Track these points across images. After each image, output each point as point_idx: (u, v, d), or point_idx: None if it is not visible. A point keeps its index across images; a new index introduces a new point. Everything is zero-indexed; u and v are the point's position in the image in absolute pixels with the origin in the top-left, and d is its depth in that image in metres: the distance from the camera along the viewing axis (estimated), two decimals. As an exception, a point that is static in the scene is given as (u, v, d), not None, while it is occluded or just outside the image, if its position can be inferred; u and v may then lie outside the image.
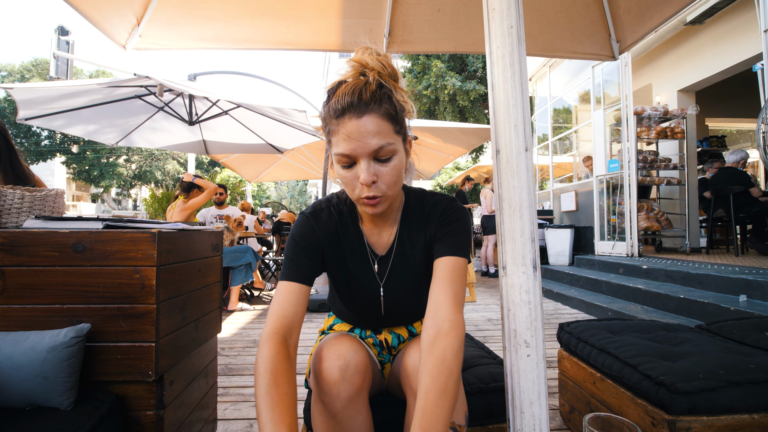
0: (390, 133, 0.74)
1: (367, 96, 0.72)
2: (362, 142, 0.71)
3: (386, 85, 0.75)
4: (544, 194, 7.70)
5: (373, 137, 0.71)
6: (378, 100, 0.72)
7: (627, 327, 1.50)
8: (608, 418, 0.62)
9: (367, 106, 0.71)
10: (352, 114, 0.71)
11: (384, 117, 0.73)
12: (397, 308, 0.92)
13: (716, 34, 4.97)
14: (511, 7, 0.76)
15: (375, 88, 0.73)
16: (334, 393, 0.73)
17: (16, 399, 0.85)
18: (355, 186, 0.75)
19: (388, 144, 0.73)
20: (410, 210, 0.89)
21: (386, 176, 0.74)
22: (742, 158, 4.58)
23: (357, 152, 0.72)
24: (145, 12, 1.64)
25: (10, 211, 1.07)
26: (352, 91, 0.72)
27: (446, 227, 0.84)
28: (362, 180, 0.73)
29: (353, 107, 0.71)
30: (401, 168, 0.78)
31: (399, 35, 1.96)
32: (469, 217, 0.90)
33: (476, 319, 3.43)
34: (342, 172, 0.76)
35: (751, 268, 3.14)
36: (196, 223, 1.47)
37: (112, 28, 1.63)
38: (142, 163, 25.35)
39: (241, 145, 4.68)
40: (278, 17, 1.83)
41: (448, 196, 0.89)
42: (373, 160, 0.73)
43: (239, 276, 3.82)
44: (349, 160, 0.74)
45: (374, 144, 0.71)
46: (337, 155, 0.74)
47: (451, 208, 0.86)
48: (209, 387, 1.40)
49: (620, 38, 1.92)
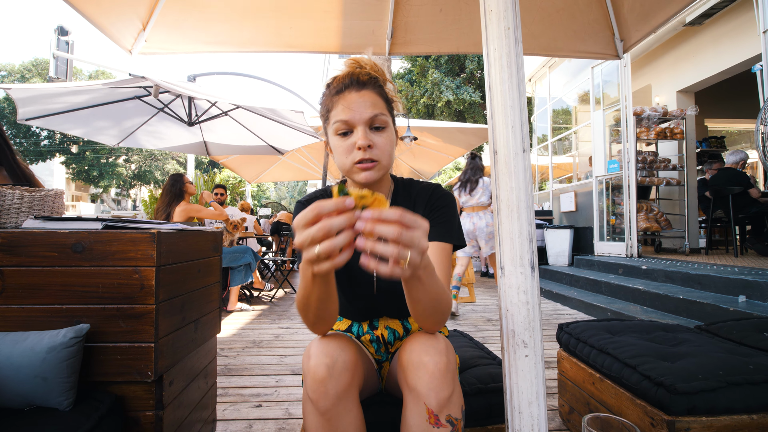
0: (383, 108, 0.84)
1: (365, 79, 0.83)
2: (360, 109, 0.80)
3: (379, 78, 0.86)
4: (544, 195, 7.71)
5: (369, 107, 0.81)
6: (373, 84, 0.84)
7: (626, 327, 1.50)
8: (607, 418, 0.62)
9: (364, 84, 0.83)
10: (352, 88, 0.82)
11: (378, 95, 0.84)
12: (388, 289, 0.92)
13: (715, 34, 4.97)
14: (508, 9, 0.77)
15: (370, 76, 0.84)
16: (321, 391, 0.73)
17: (15, 399, 0.85)
18: (350, 152, 0.82)
19: (381, 114, 0.82)
20: (399, 197, 0.95)
21: (380, 144, 0.82)
22: (741, 159, 4.58)
23: (355, 119, 0.80)
24: (150, 17, 1.65)
25: (9, 211, 1.07)
26: (351, 74, 0.84)
27: (432, 213, 0.90)
28: (359, 143, 0.80)
29: (353, 84, 0.82)
30: (393, 142, 0.86)
31: (401, 36, 1.97)
32: (455, 203, 0.94)
33: (475, 320, 3.43)
34: (339, 142, 0.83)
35: (750, 269, 3.14)
36: (196, 224, 1.47)
37: (118, 33, 1.65)
38: (142, 163, 25.35)
39: (241, 146, 4.68)
40: (281, 20, 1.84)
41: (433, 184, 0.95)
42: (369, 128, 0.82)
43: (238, 276, 3.82)
44: (347, 127, 0.82)
45: (370, 112, 0.81)
46: (337, 122, 0.82)
47: (436, 195, 0.93)
48: (208, 387, 1.40)
49: (624, 37, 1.92)
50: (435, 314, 0.77)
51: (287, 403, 1.77)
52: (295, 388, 1.94)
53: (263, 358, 2.40)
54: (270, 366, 2.26)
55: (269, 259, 5.76)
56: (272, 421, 1.61)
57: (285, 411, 1.70)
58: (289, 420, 1.62)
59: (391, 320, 1.00)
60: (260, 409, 1.72)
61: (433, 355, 0.75)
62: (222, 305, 3.11)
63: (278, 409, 1.71)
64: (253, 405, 1.76)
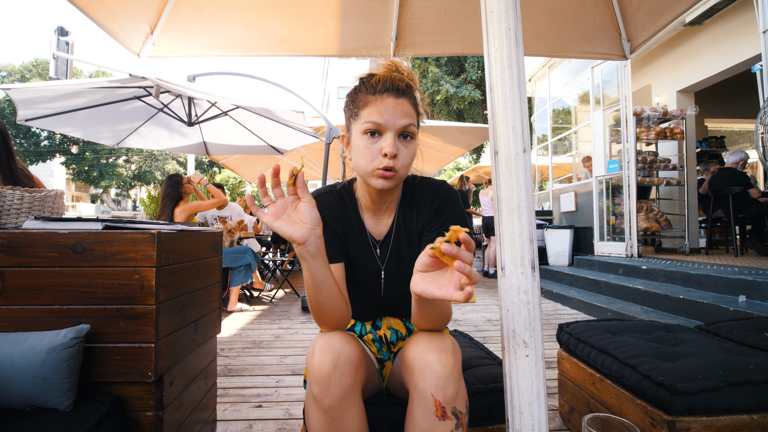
0: (415, 119, 0.85)
1: (404, 86, 0.85)
2: (395, 117, 0.81)
3: (413, 88, 0.88)
4: (544, 195, 7.70)
5: (404, 117, 0.82)
6: (410, 94, 0.86)
7: (626, 327, 1.50)
8: (607, 418, 0.62)
9: (403, 93, 0.84)
10: (391, 93, 0.83)
11: (413, 105, 0.86)
12: (395, 291, 0.95)
13: (715, 34, 4.97)
14: (509, 10, 0.77)
15: (408, 85, 0.86)
16: (325, 384, 0.73)
17: (15, 400, 0.85)
18: (375, 156, 0.82)
19: (412, 124, 0.83)
20: (405, 198, 0.96)
21: (405, 155, 0.83)
22: (741, 159, 4.58)
23: (389, 124, 0.81)
24: (158, 21, 1.66)
25: (9, 212, 1.07)
26: (392, 78, 0.84)
27: (436, 218, 0.91)
28: (386, 150, 0.80)
29: (393, 89, 0.83)
30: (415, 155, 0.87)
31: (406, 38, 1.97)
32: (460, 199, 0.95)
33: (476, 320, 3.43)
34: (364, 143, 0.83)
35: (751, 269, 3.14)
36: (196, 224, 1.47)
37: (126, 37, 1.66)
38: (142, 163, 25.35)
39: (241, 146, 4.68)
40: (287, 24, 1.85)
41: (437, 182, 0.96)
42: (398, 136, 0.83)
43: (239, 277, 3.82)
44: (377, 128, 0.82)
45: (404, 122, 0.82)
46: (367, 123, 0.82)
47: (439, 196, 0.93)
48: (209, 388, 1.40)
49: (631, 37, 1.92)
50: (436, 322, 0.83)
51: (287, 404, 1.77)
52: (295, 389, 1.94)
53: (263, 358, 2.40)
54: (270, 366, 2.26)
55: (269, 259, 5.76)
56: (272, 421, 1.61)
57: (285, 411, 1.70)
58: (290, 420, 1.62)
59: (394, 320, 1.00)
60: (260, 409, 1.72)
61: (441, 354, 0.75)
62: (222, 306, 3.10)
63: (278, 410, 1.71)
64: (254, 405, 1.76)
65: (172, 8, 1.63)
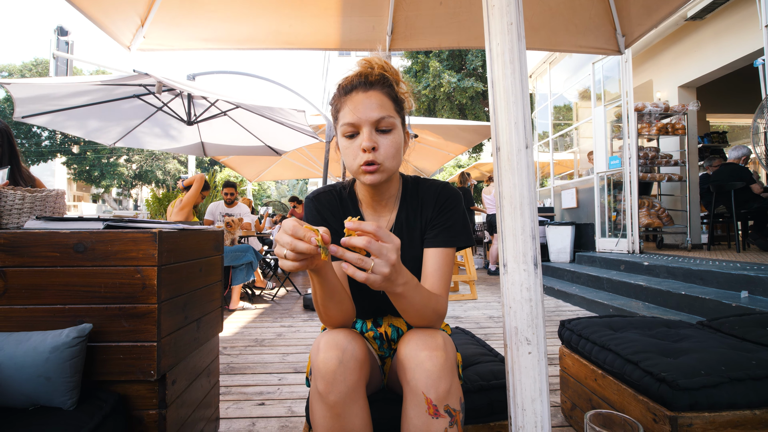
0: (391, 110, 0.83)
1: (374, 78, 0.82)
2: (366, 111, 0.80)
3: (389, 78, 0.85)
4: (545, 191, 7.69)
5: (376, 109, 0.80)
6: (382, 84, 0.83)
7: (628, 324, 1.50)
8: (610, 414, 0.62)
9: (372, 85, 0.82)
10: (359, 89, 0.82)
11: (387, 96, 0.83)
12: None
13: (717, 29, 4.94)
14: (510, 4, 0.76)
15: (380, 76, 0.83)
16: (330, 380, 0.73)
17: (18, 399, 0.85)
18: (356, 155, 0.82)
19: (388, 116, 0.81)
20: (407, 196, 0.95)
21: (385, 147, 0.81)
22: (744, 154, 4.56)
23: (361, 120, 0.80)
24: (148, 13, 1.65)
25: (11, 212, 1.07)
26: (359, 74, 0.83)
27: (439, 216, 0.90)
28: (363, 145, 0.80)
29: (361, 84, 0.82)
30: (400, 144, 0.85)
31: (402, 32, 1.96)
32: (463, 201, 0.95)
33: (478, 317, 3.43)
34: (345, 144, 0.84)
35: (753, 264, 3.14)
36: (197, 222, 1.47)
37: (116, 30, 1.64)
38: (143, 162, 25.36)
39: (239, 146, 4.67)
40: (281, 17, 1.83)
41: (440, 183, 0.95)
42: (374, 130, 0.81)
43: (240, 275, 3.82)
44: (354, 129, 0.81)
45: (376, 115, 0.80)
46: (344, 126, 0.82)
47: (443, 196, 0.92)
48: (211, 386, 1.41)
49: (626, 32, 1.91)
50: (423, 320, 0.81)
51: (290, 401, 1.78)
52: (297, 386, 1.94)
53: (266, 356, 2.41)
54: (272, 364, 2.26)
55: (271, 257, 5.76)
56: (275, 419, 1.62)
57: (288, 409, 1.70)
58: (292, 418, 1.62)
59: (395, 318, 1.00)
60: (263, 407, 1.73)
61: (432, 351, 0.75)
62: (224, 304, 3.11)
63: (281, 407, 1.72)
64: (256, 403, 1.76)
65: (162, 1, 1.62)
